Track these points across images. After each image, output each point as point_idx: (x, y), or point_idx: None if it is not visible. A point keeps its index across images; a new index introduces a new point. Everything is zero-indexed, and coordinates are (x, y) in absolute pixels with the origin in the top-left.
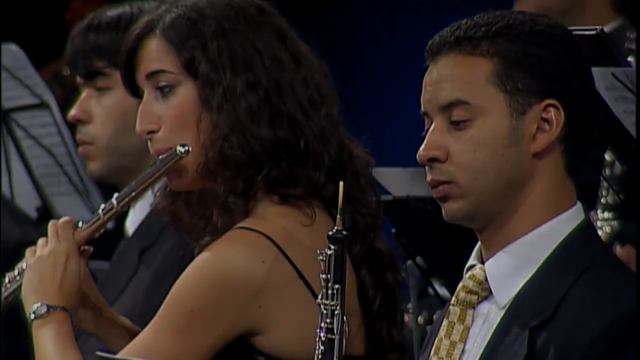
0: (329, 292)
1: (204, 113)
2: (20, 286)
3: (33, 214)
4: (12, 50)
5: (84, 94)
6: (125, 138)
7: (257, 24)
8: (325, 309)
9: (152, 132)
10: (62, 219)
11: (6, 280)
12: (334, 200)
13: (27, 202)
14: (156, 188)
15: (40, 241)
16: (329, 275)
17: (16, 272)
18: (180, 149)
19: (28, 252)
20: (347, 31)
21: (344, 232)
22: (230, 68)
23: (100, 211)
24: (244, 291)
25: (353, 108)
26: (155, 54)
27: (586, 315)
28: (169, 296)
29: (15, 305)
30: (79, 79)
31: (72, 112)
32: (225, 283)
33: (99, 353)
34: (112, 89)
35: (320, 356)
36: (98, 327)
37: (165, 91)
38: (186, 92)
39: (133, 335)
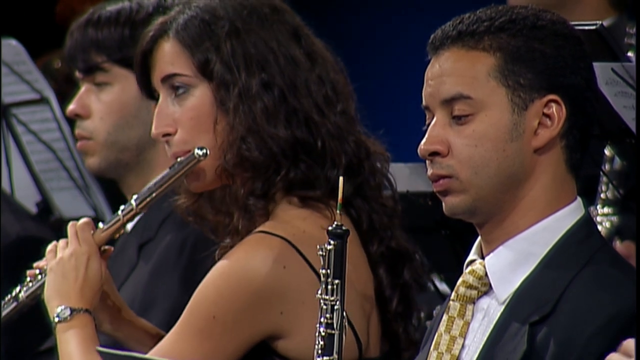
0: (329, 287)
1: (220, 115)
2: (41, 286)
3: (33, 208)
4: (12, 45)
5: (82, 89)
6: (124, 133)
7: (271, 22)
8: (325, 304)
9: (168, 134)
10: (81, 221)
11: (27, 279)
12: (352, 200)
13: (27, 197)
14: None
15: (61, 242)
16: (328, 271)
17: (37, 271)
18: (198, 152)
19: (48, 252)
20: (347, 26)
21: (344, 228)
22: (244, 69)
23: (120, 212)
24: (266, 297)
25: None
26: (169, 57)
27: (586, 310)
28: (191, 302)
29: (36, 304)
30: (77, 74)
31: (71, 107)
32: (248, 289)
33: (99, 348)
34: (111, 84)
35: (320, 351)
36: (117, 328)
37: (180, 94)
38: (202, 95)
39: (152, 336)
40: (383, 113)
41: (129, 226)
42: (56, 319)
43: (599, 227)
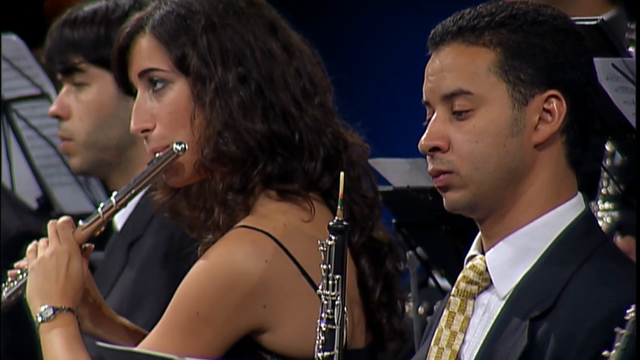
0: (330, 282)
1: (197, 110)
2: (23, 285)
3: (33, 204)
4: (12, 41)
5: (63, 90)
6: (103, 133)
7: (247, 16)
8: (325, 299)
9: (147, 130)
10: (61, 219)
11: (9, 279)
12: (331, 191)
13: (27, 192)
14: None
15: (41, 242)
16: (329, 266)
17: (18, 270)
18: (176, 147)
19: (29, 252)
20: (348, 19)
21: (345, 223)
22: (221, 63)
23: (99, 209)
24: (248, 291)
25: (353, 99)
26: (146, 52)
27: (586, 305)
28: (174, 298)
29: (18, 304)
30: (58, 75)
31: (52, 109)
32: (230, 284)
33: (99, 343)
34: (89, 84)
35: (320, 347)
36: (97, 326)
37: (158, 89)
38: (179, 90)
39: (132, 333)
40: (384, 109)
41: (119, 225)
42: (39, 319)
43: (600, 223)
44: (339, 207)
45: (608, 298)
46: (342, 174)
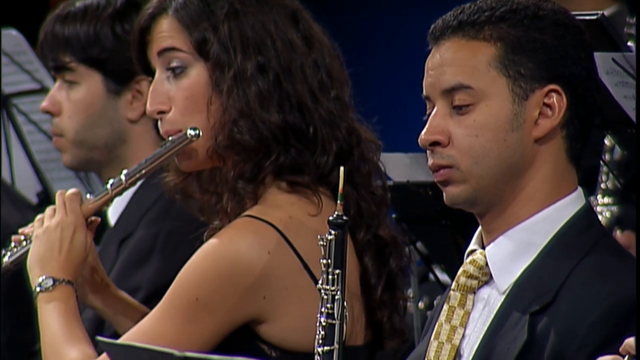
0: (330, 277)
1: (214, 96)
2: (25, 253)
3: (33, 199)
4: (13, 36)
5: (55, 86)
6: (92, 132)
7: (270, 5)
8: (325, 294)
9: (162, 112)
10: (70, 191)
11: (12, 244)
12: None
13: (27, 187)
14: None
15: (48, 211)
16: (329, 261)
17: (22, 237)
18: (191, 132)
19: (37, 220)
20: (349, 14)
21: (345, 218)
22: (241, 51)
23: (108, 186)
24: (249, 281)
25: (353, 93)
26: (168, 33)
27: (586, 300)
28: (175, 282)
29: (19, 271)
30: (51, 71)
31: (43, 104)
32: (231, 272)
33: (99, 338)
34: (79, 83)
35: (320, 341)
36: (103, 304)
37: (177, 72)
38: (197, 74)
39: (137, 311)
40: (384, 103)
41: (112, 221)
42: (38, 289)
43: (599, 217)
44: (338, 201)
45: (608, 292)
46: (341, 168)
